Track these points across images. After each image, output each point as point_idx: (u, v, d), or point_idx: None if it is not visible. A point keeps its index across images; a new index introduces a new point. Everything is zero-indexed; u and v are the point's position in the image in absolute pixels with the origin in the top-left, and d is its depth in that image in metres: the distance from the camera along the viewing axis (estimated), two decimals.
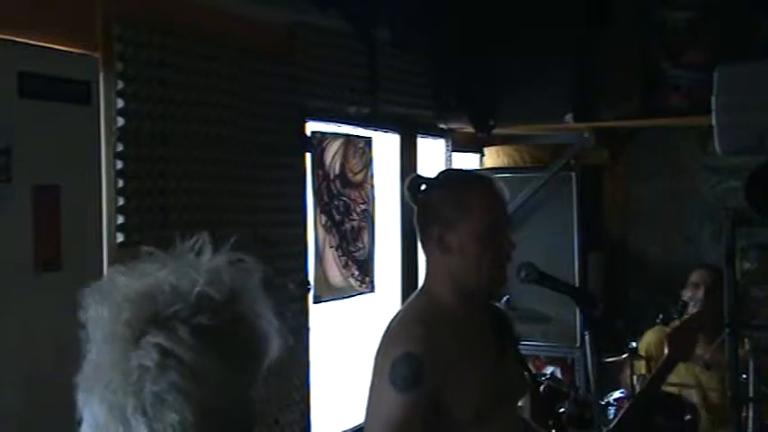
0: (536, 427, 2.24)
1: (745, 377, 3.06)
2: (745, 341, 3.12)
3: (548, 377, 3.49)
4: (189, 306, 1.04)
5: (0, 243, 1.99)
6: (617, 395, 3.29)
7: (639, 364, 3.44)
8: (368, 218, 3.51)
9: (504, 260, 1.94)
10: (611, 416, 3.11)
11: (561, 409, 3.00)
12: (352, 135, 3.40)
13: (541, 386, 3.10)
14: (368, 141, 3.52)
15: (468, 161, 4.57)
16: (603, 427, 2.57)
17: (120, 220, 2.29)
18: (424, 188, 2.00)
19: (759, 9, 3.52)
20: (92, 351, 1.06)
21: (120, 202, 2.29)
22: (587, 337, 2.21)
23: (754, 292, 3.28)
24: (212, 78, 2.62)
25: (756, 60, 3.20)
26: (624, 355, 3.38)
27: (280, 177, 2.93)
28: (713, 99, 3.11)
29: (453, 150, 4.20)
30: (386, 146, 3.72)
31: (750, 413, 3.03)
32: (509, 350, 2.05)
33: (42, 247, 2.08)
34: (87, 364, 1.06)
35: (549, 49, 3.70)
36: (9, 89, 2.01)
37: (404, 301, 2.14)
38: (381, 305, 3.59)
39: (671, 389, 3.16)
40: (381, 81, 3.51)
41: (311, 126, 3.13)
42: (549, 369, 4.09)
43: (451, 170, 3.10)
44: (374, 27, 3.42)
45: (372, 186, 3.54)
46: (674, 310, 3.37)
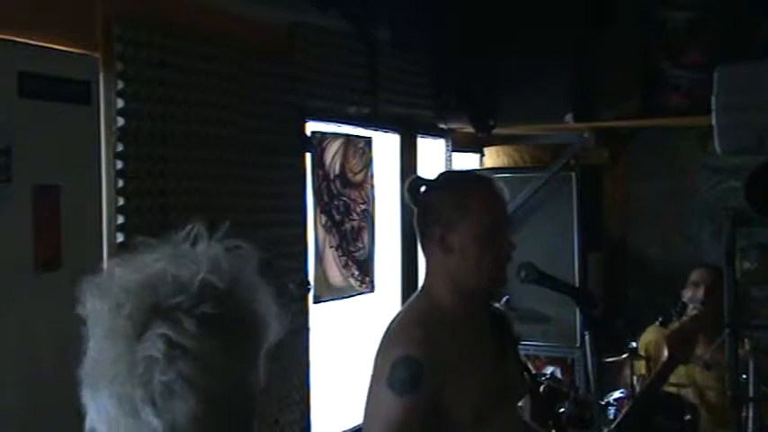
0: (536, 427, 2.24)
1: (745, 377, 3.06)
2: (745, 341, 3.12)
3: (548, 377, 3.50)
4: (192, 295, 1.04)
5: (0, 243, 1.99)
6: (617, 395, 3.29)
7: (639, 364, 3.44)
8: (368, 218, 3.50)
9: (505, 261, 1.94)
10: (611, 416, 3.11)
11: (561, 409, 3.00)
12: (352, 135, 3.40)
13: (541, 386, 3.10)
14: (368, 141, 3.51)
15: (468, 161, 4.57)
16: (603, 427, 2.57)
17: (120, 220, 2.29)
18: (423, 189, 2.00)
19: (759, 9, 3.52)
20: (93, 346, 1.06)
21: (120, 202, 2.29)
22: (587, 337, 2.21)
23: (754, 292, 3.28)
24: (212, 78, 2.61)
25: (756, 60, 3.20)
26: (624, 355, 3.38)
27: (280, 177, 2.93)
28: (713, 99, 3.11)
29: (453, 150, 4.20)
30: (386, 146, 3.72)
31: (750, 413, 3.03)
32: (509, 350, 2.05)
33: (42, 247, 2.08)
34: (90, 360, 1.06)
35: (549, 49, 3.69)
36: (9, 89, 2.01)
37: (404, 302, 2.14)
38: (381, 305, 3.59)
39: (671, 389, 3.16)
40: (381, 81, 3.51)
41: (311, 126, 3.12)
42: (549, 369, 4.09)
43: (451, 172, 3.11)
44: (374, 27, 3.42)
45: (372, 186, 3.54)
46: (673, 312, 3.37)
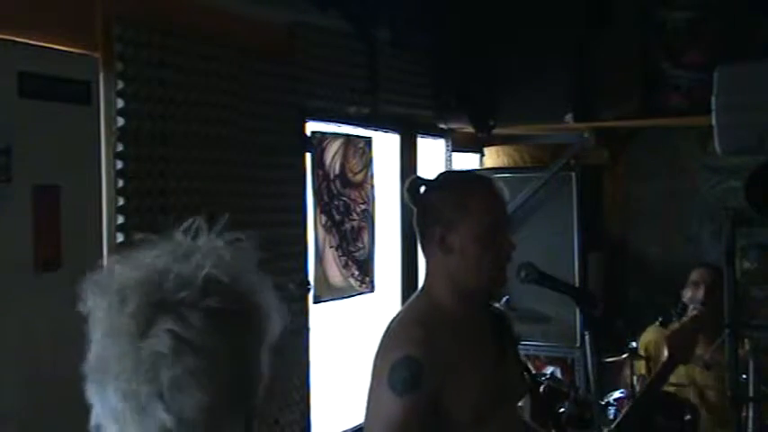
0: (536, 427, 2.24)
1: (745, 377, 3.05)
2: (745, 341, 3.12)
3: (548, 377, 3.50)
4: (196, 290, 1.04)
5: (0, 243, 1.99)
6: (617, 395, 3.29)
7: (639, 365, 3.44)
8: (368, 218, 3.50)
9: (505, 261, 1.94)
10: (611, 416, 3.11)
11: (561, 409, 3.00)
12: (352, 135, 3.40)
13: (541, 386, 3.10)
14: (368, 141, 3.51)
15: (468, 161, 4.57)
16: (603, 427, 2.57)
17: (120, 220, 2.29)
18: (423, 190, 2.00)
19: (759, 9, 3.52)
20: (97, 343, 1.06)
21: (120, 202, 2.29)
22: (587, 337, 2.21)
23: (754, 292, 3.28)
24: (212, 78, 2.61)
25: (756, 60, 3.20)
26: (624, 355, 3.38)
27: (280, 177, 2.93)
28: (713, 99, 3.11)
29: (453, 150, 4.20)
30: (386, 146, 3.72)
31: (750, 413, 3.03)
32: (509, 350, 2.05)
33: (42, 247, 2.08)
34: (93, 356, 1.06)
35: (549, 49, 3.69)
36: (9, 89, 2.02)
37: (404, 302, 2.14)
38: (381, 305, 3.59)
39: (671, 389, 3.16)
40: (381, 81, 3.51)
41: (311, 126, 3.13)
42: (549, 369, 4.09)
43: (451, 171, 3.11)
44: (374, 27, 3.42)
45: (372, 186, 3.54)
46: (673, 312, 3.37)
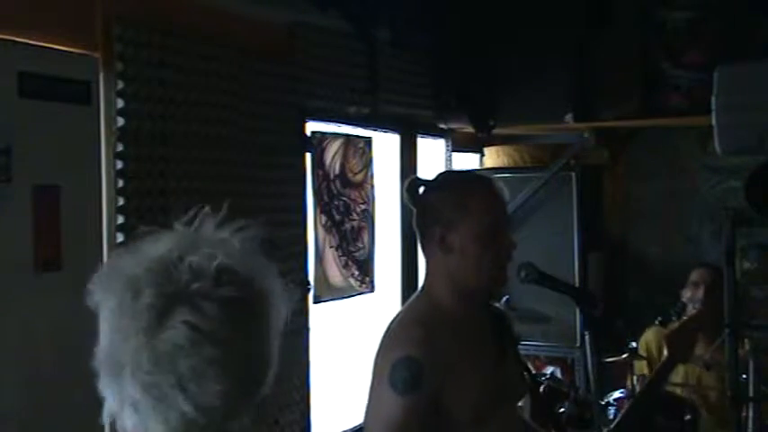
0: (536, 427, 2.24)
1: (745, 377, 3.05)
2: (745, 341, 3.12)
3: (548, 377, 3.50)
4: (210, 280, 1.05)
5: (0, 243, 1.99)
6: (617, 395, 3.29)
7: (639, 365, 3.44)
8: (368, 218, 3.50)
9: (505, 260, 1.94)
10: (611, 416, 3.11)
11: (561, 409, 3.00)
12: (352, 135, 3.40)
13: (541, 386, 3.10)
14: (368, 141, 3.51)
15: (468, 161, 4.57)
16: (603, 427, 2.57)
17: (120, 220, 2.28)
18: (422, 190, 2.00)
19: (759, 9, 3.52)
20: (107, 337, 1.06)
21: (120, 202, 2.29)
22: (587, 337, 2.21)
23: (754, 292, 3.28)
24: (212, 78, 2.61)
25: (756, 60, 3.20)
26: (624, 355, 3.38)
27: (280, 177, 2.93)
28: (713, 99, 3.10)
29: (453, 150, 4.20)
30: (386, 146, 3.72)
31: (750, 413, 3.03)
32: (508, 350, 2.05)
33: (42, 247, 2.08)
34: (106, 350, 1.06)
35: (549, 49, 3.69)
36: (9, 89, 2.02)
37: (404, 302, 2.14)
38: (381, 305, 3.59)
39: (674, 389, 3.16)
40: (381, 81, 3.51)
41: (311, 126, 3.13)
42: (549, 369, 4.09)
43: (450, 171, 3.11)
44: (374, 27, 3.42)
45: (372, 186, 3.54)
46: (672, 312, 3.37)
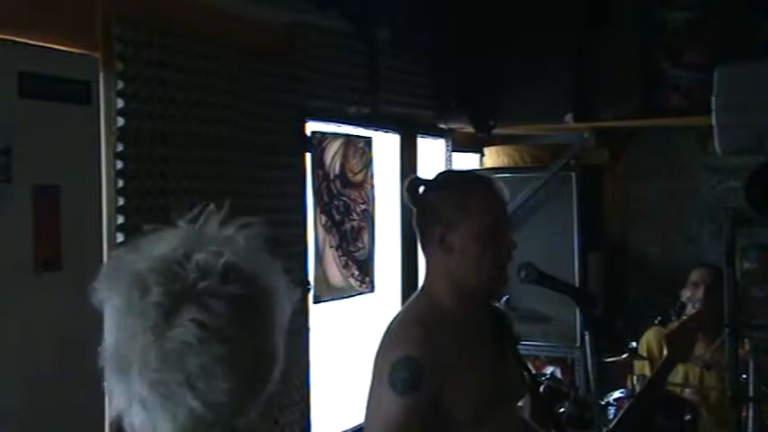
0: (536, 427, 2.24)
1: (745, 377, 3.06)
2: (745, 341, 3.12)
3: (548, 377, 3.49)
4: (217, 278, 1.06)
5: (0, 243, 1.99)
6: (617, 395, 3.29)
7: (640, 365, 3.44)
8: (368, 218, 3.50)
9: (505, 260, 1.94)
10: (611, 416, 3.11)
11: (561, 409, 3.00)
12: (352, 135, 3.40)
13: (541, 386, 3.10)
14: (368, 141, 3.51)
15: (468, 161, 4.56)
16: (603, 428, 2.57)
17: (120, 220, 2.29)
18: (422, 189, 2.00)
19: (759, 9, 3.52)
20: (114, 335, 1.07)
21: (120, 202, 2.29)
22: (587, 337, 2.21)
23: (754, 292, 3.28)
24: (212, 78, 2.61)
25: (756, 60, 3.20)
26: (624, 355, 3.38)
27: (280, 177, 2.93)
28: (713, 99, 3.10)
29: (453, 150, 4.20)
30: (386, 146, 3.72)
31: (750, 413, 3.03)
32: (508, 350, 2.05)
33: (42, 247, 2.08)
34: (112, 348, 1.07)
35: (549, 49, 3.69)
36: (9, 89, 2.02)
37: (404, 302, 2.14)
38: (381, 305, 3.59)
39: (671, 389, 3.16)
40: (381, 81, 3.51)
41: (311, 126, 3.13)
42: (549, 369, 4.09)
43: (450, 171, 3.11)
44: (374, 27, 3.42)
45: (372, 186, 3.54)
46: (671, 311, 3.37)
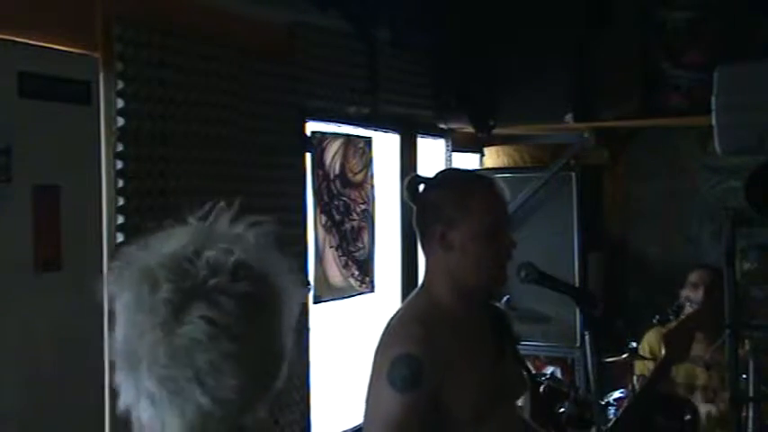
0: (536, 426, 2.24)
1: (745, 377, 3.05)
2: (745, 341, 3.12)
3: (548, 377, 3.49)
4: (228, 275, 1.06)
5: (0, 243, 1.99)
6: (617, 395, 3.29)
7: (640, 364, 3.44)
8: (368, 218, 3.50)
9: (505, 259, 1.94)
10: (611, 416, 3.11)
11: (561, 409, 3.00)
12: (352, 135, 3.40)
13: (541, 386, 3.10)
14: (368, 141, 3.51)
15: (468, 161, 4.56)
16: (603, 428, 2.57)
17: (120, 220, 2.29)
18: (423, 188, 2.00)
19: (759, 9, 3.52)
20: (123, 331, 1.07)
21: (120, 202, 2.29)
22: (587, 337, 2.21)
23: (754, 292, 3.27)
24: (212, 78, 2.62)
25: (756, 60, 3.20)
26: (624, 355, 3.38)
27: (280, 177, 2.93)
28: (713, 99, 3.10)
29: (453, 150, 4.20)
30: (386, 146, 3.72)
31: (750, 413, 3.03)
32: (507, 349, 2.05)
33: (42, 247, 2.08)
34: (123, 344, 1.07)
35: (549, 49, 3.69)
36: (9, 89, 2.02)
37: (404, 301, 2.14)
38: (381, 305, 3.59)
39: (669, 388, 3.16)
40: (381, 81, 3.51)
41: (311, 126, 3.13)
42: (549, 369, 4.09)
43: (451, 169, 3.11)
44: (374, 27, 3.42)
45: (372, 186, 3.54)
46: (669, 311, 3.36)
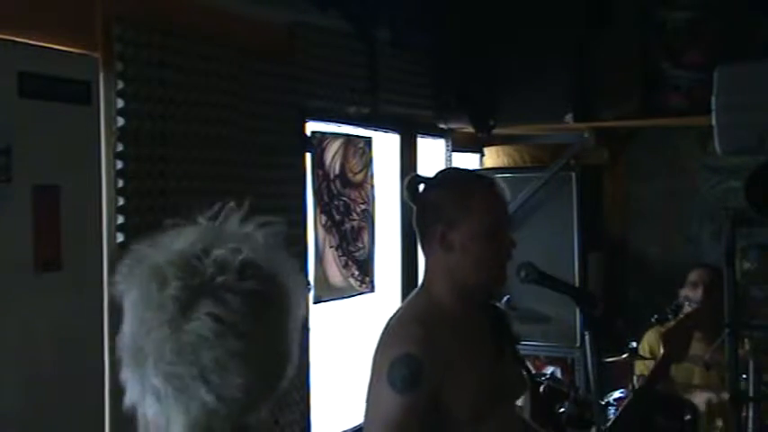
0: (536, 426, 2.24)
1: (745, 377, 3.06)
2: (745, 341, 3.12)
3: (548, 377, 3.49)
4: (235, 273, 1.07)
5: (0, 243, 1.99)
6: (617, 395, 3.29)
7: (640, 364, 3.44)
8: (368, 218, 3.50)
9: (505, 259, 1.94)
10: (611, 416, 3.11)
11: (561, 409, 3.00)
12: (352, 135, 3.40)
13: (541, 386, 3.10)
14: (368, 141, 3.51)
15: (468, 161, 4.56)
16: (603, 427, 2.57)
17: (120, 220, 2.29)
18: (423, 188, 2.00)
19: (759, 9, 3.52)
20: (131, 327, 1.07)
21: (120, 202, 2.29)
22: (587, 337, 2.21)
23: (754, 292, 3.27)
24: (212, 78, 2.61)
25: (756, 60, 3.20)
26: (624, 355, 3.38)
27: (280, 177, 2.93)
28: (713, 99, 3.10)
29: (453, 150, 4.20)
30: (386, 146, 3.72)
31: (750, 413, 3.03)
32: (507, 349, 2.05)
33: (42, 247, 2.08)
34: (129, 340, 1.07)
35: (549, 49, 3.69)
36: (9, 89, 2.02)
37: (403, 301, 2.14)
38: (381, 305, 3.59)
39: (669, 388, 3.16)
40: (381, 81, 3.51)
41: (311, 126, 3.13)
42: (549, 369, 4.09)
43: (451, 169, 3.11)
44: (374, 27, 3.42)
45: (372, 186, 3.54)
46: (668, 310, 3.37)
